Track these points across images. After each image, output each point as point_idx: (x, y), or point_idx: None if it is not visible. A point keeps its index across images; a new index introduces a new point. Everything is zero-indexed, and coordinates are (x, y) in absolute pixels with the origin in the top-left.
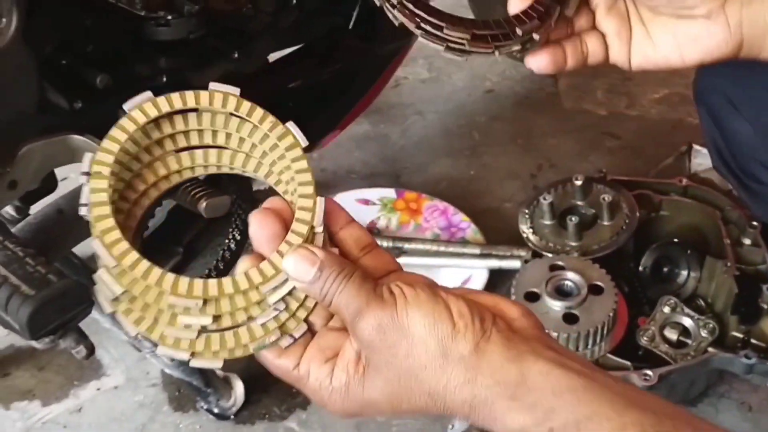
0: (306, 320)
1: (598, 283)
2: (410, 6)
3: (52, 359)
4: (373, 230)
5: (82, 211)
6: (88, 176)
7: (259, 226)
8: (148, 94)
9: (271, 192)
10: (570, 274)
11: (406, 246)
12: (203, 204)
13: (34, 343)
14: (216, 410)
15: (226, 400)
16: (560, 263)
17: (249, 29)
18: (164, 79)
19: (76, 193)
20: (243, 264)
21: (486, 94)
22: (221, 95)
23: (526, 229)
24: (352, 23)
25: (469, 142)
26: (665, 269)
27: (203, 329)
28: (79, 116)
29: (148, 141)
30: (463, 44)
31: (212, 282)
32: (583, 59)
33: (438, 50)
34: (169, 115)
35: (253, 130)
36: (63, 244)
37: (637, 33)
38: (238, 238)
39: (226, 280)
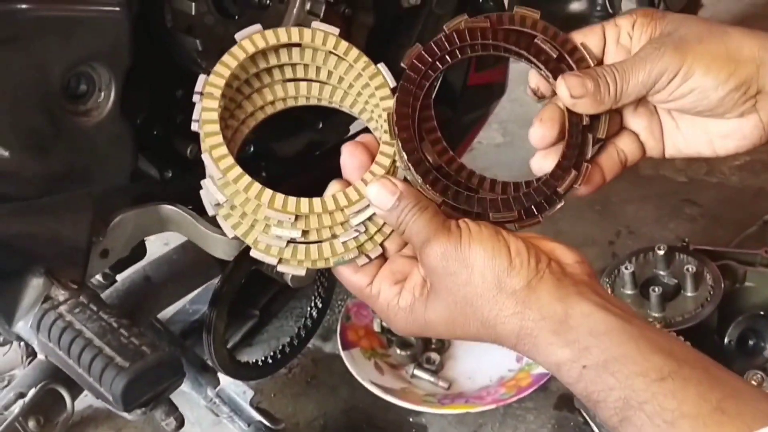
0: (381, 245)
1: None
2: (451, 204)
3: (129, 420)
4: None
5: (194, 126)
6: (200, 96)
7: (350, 155)
8: (258, 26)
9: None
10: None
11: None
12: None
13: (126, 415)
14: None
15: None
16: None
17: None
18: (251, 149)
19: (162, 260)
20: (332, 188)
21: None
22: (322, 33)
23: None
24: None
25: None
26: (751, 342)
27: (292, 240)
28: (170, 186)
29: (257, 69)
30: (512, 224)
31: (304, 200)
32: (621, 167)
33: None
34: (275, 49)
35: (348, 68)
36: (150, 310)
37: (668, 126)
38: (320, 306)
39: (316, 201)
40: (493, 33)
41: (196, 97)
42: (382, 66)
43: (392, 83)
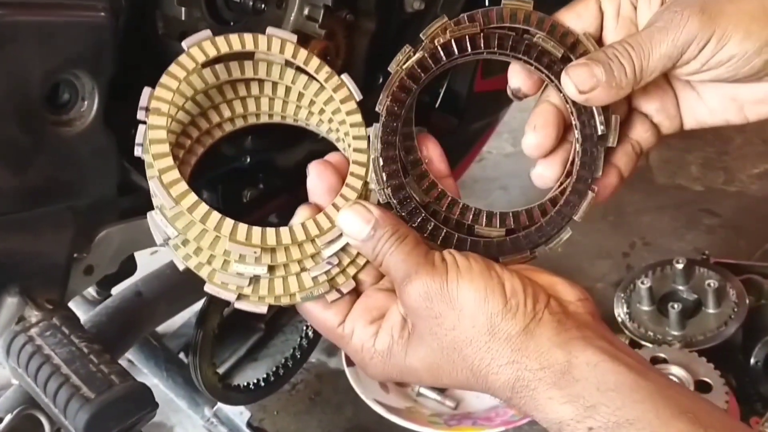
0: (355, 277)
1: (706, 379)
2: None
3: None
4: None
5: (137, 151)
6: (146, 112)
7: (318, 177)
8: (207, 32)
9: None
10: (674, 369)
11: None
12: None
13: None
14: None
15: None
16: (662, 355)
17: None
18: (248, 159)
19: (153, 275)
20: (300, 214)
21: None
22: (279, 41)
23: (622, 314)
24: (438, 102)
25: None
26: None
27: (255, 277)
28: None
29: (206, 86)
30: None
31: (270, 231)
32: (637, 158)
33: None
34: (226, 62)
35: (308, 82)
36: (141, 326)
37: (686, 97)
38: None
39: (284, 230)
40: (485, 38)
41: (141, 114)
42: (346, 77)
43: (358, 96)
